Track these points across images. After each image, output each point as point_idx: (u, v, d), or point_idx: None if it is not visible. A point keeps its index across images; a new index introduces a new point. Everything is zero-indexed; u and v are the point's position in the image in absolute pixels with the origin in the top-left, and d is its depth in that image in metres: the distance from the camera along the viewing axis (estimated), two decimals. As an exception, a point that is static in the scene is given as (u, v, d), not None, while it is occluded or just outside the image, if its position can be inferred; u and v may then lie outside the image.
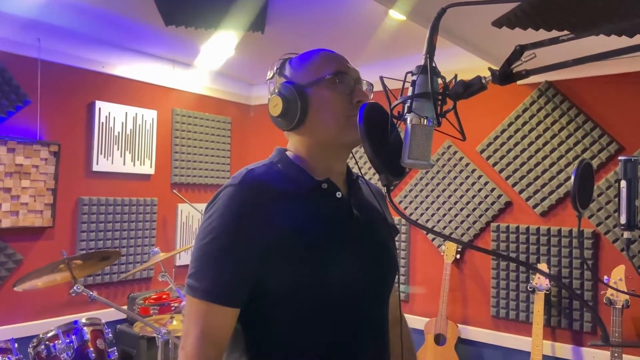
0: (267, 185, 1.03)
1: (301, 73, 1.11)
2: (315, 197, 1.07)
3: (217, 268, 0.98)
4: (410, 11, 2.14)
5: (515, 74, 0.82)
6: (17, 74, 2.84)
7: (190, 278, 1.01)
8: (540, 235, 2.86)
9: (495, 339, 3.00)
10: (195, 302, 0.98)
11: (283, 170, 1.09)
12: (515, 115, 2.99)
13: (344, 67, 1.11)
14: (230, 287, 0.98)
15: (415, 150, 0.89)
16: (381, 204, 1.23)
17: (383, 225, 1.19)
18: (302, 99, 1.07)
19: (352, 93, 1.09)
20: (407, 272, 3.39)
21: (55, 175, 2.97)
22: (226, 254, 0.98)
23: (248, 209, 0.99)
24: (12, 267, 2.80)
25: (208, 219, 1.02)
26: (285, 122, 1.09)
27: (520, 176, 2.96)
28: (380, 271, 1.12)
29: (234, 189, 1.01)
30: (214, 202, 1.03)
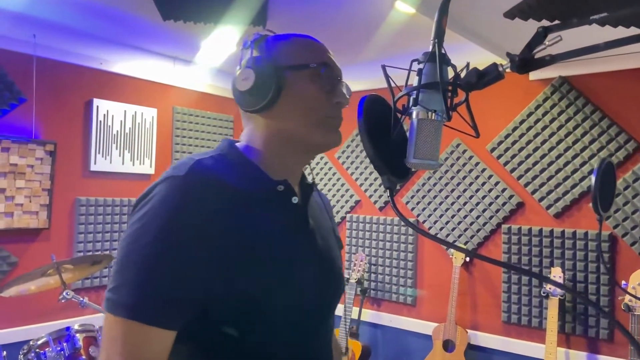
0: (218, 180, 0.87)
1: (283, 52, 0.96)
2: (270, 200, 0.93)
3: (149, 280, 0.79)
4: (419, 3, 2.03)
5: (538, 60, 0.71)
6: (11, 71, 2.75)
7: (112, 292, 0.80)
8: (554, 238, 2.74)
9: (507, 345, 2.88)
10: (120, 323, 0.78)
11: (234, 164, 0.94)
12: (527, 112, 2.86)
13: (331, 61, 0.99)
14: (165, 304, 0.80)
15: (421, 148, 0.78)
16: (329, 215, 1.15)
17: (332, 237, 1.10)
18: (279, 79, 0.92)
19: (333, 92, 0.96)
20: (414, 276, 3.27)
21: (51, 175, 2.89)
22: (162, 263, 0.80)
23: (193, 208, 0.82)
24: (7, 270, 2.72)
25: (140, 219, 0.82)
26: (253, 100, 0.93)
27: (533, 176, 2.84)
28: (332, 286, 1.04)
29: (177, 182, 0.83)
30: (147, 196, 0.84)
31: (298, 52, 0.97)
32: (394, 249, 3.36)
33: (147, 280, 0.79)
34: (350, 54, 3.11)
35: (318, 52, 0.98)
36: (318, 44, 1.01)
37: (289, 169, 0.99)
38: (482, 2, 1.95)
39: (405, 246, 3.31)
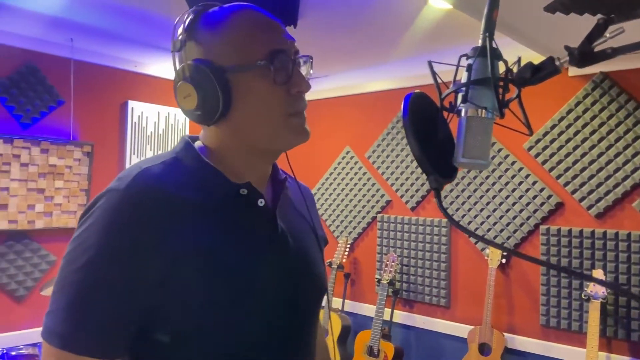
0: (163, 192, 0.79)
1: (222, 46, 0.83)
2: (231, 207, 0.85)
3: (86, 306, 0.73)
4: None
5: (598, 54, 0.68)
6: (50, 74, 2.83)
7: (48, 317, 0.75)
8: (595, 239, 2.64)
9: (546, 349, 2.80)
10: (54, 353, 0.72)
11: (189, 169, 0.85)
12: (567, 109, 2.77)
13: (279, 43, 0.85)
14: (103, 331, 0.74)
15: (471, 147, 0.75)
16: (310, 210, 1.03)
17: (311, 237, 1.00)
18: (224, 88, 0.81)
19: (290, 81, 0.84)
20: (447, 277, 3.22)
21: (88, 175, 2.95)
22: (100, 286, 0.73)
23: (134, 225, 0.75)
24: (46, 269, 2.79)
25: (79, 237, 0.76)
26: (202, 117, 0.84)
27: (573, 175, 2.75)
28: (307, 292, 0.95)
29: (116, 196, 0.76)
30: (88, 213, 0.78)
31: (239, 48, 0.83)
32: (427, 249, 3.31)
33: (81, 306, 0.73)
34: (383, 52, 3.08)
35: (262, 38, 0.84)
36: (257, 21, 0.86)
37: (253, 170, 0.90)
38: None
39: (439, 247, 3.25)
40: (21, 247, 2.70)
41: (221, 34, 0.84)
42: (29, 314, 2.72)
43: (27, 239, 2.74)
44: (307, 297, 0.95)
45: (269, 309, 0.85)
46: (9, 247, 2.66)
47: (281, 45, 0.85)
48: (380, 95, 3.53)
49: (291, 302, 0.90)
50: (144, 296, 0.76)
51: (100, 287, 0.74)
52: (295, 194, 1.02)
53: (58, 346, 0.72)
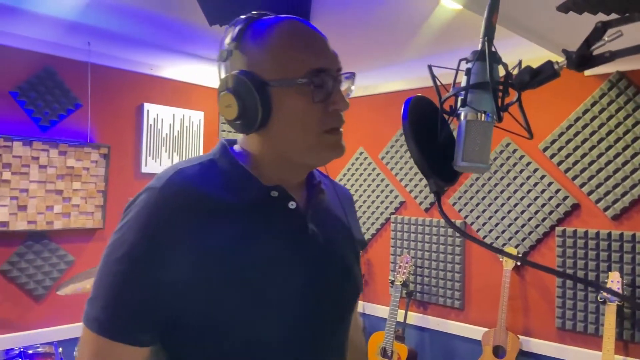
0: (197, 192, 0.82)
1: (265, 60, 0.85)
2: (262, 209, 0.87)
3: (120, 296, 0.78)
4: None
5: (597, 57, 0.67)
6: (68, 78, 2.88)
7: (88, 304, 0.80)
8: (612, 241, 2.60)
9: (561, 352, 2.76)
10: (91, 336, 0.77)
11: (224, 171, 0.88)
12: (583, 109, 2.73)
13: (323, 62, 0.86)
14: (136, 321, 0.78)
15: (470, 151, 0.75)
16: (347, 213, 1.04)
17: (347, 240, 1.00)
18: (264, 101, 0.83)
19: (328, 99, 0.85)
20: (462, 279, 3.19)
21: (105, 177, 3.00)
22: (134, 279, 0.78)
23: (168, 223, 0.79)
24: (64, 269, 2.85)
25: (120, 230, 0.81)
26: (241, 126, 0.87)
27: (589, 176, 2.71)
28: (339, 298, 0.95)
29: (153, 195, 0.80)
30: (129, 208, 0.83)
31: (281, 63, 0.85)
32: (441, 251, 3.29)
33: (116, 296, 0.78)
34: (394, 53, 3.07)
35: (305, 55, 0.85)
36: (302, 38, 0.87)
37: (287, 178, 0.92)
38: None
39: (453, 248, 3.23)
40: (40, 247, 2.76)
41: (265, 48, 0.86)
42: (47, 313, 2.78)
43: (46, 239, 2.79)
44: (339, 299, 0.95)
45: (294, 310, 0.86)
46: (28, 247, 2.72)
47: (323, 63, 0.86)
48: (393, 96, 3.52)
49: (320, 304, 0.90)
50: (175, 290, 0.78)
51: (134, 279, 0.78)
52: (332, 197, 1.03)
53: (95, 331, 0.77)
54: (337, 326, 0.96)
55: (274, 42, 0.86)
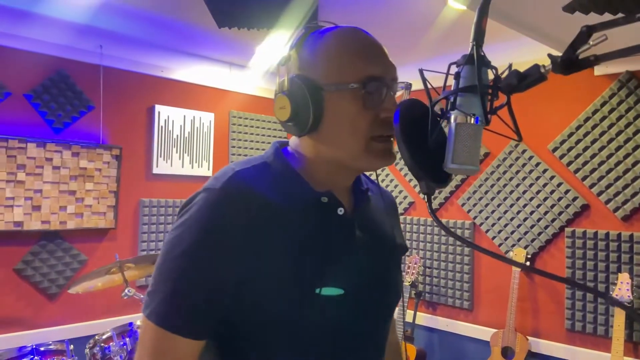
0: (255, 194, 0.85)
1: (319, 65, 0.88)
2: (311, 213, 0.89)
3: (180, 290, 0.81)
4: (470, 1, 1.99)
5: (582, 61, 0.68)
6: (80, 81, 2.94)
7: (149, 296, 0.84)
8: (622, 242, 2.58)
9: (570, 354, 2.74)
10: (152, 328, 0.81)
11: (277, 174, 0.90)
12: (592, 109, 2.71)
13: (377, 70, 0.87)
14: (193, 315, 0.81)
15: (460, 153, 0.76)
16: (391, 219, 1.07)
17: (390, 247, 1.03)
18: (316, 104, 0.85)
19: (380, 106, 0.86)
20: (470, 279, 3.19)
21: (117, 178, 3.05)
22: (192, 275, 0.81)
23: (228, 222, 0.82)
24: (77, 267, 2.90)
25: (178, 228, 0.84)
26: (293, 128, 0.90)
27: (599, 177, 2.69)
28: (381, 299, 0.98)
29: (212, 195, 0.83)
30: (188, 206, 0.86)
31: (337, 68, 0.87)
32: (450, 251, 3.29)
33: (176, 291, 0.81)
34: (401, 54, 3.07)
35: (359, 62, 0.87)
36: (359, 47, 0.90)
37: (336, 181, 0.94)
38: None
39: (462, 249, 3.23)
40: (53, 247, 2.82)
41: (322, 53, 0.89)
42: (61, 312, 2.83)
43: (59, 239, 2.85)
44: (380, 302, 0.98)
45: (340, 311, 0.88)
46: (42, 246, 2.78)
47: (378, 70, 0.87)
48: (403, 97, 3.52)
49: (364, 306, 0.93)
50: (229, 286, 0.82)
51: (193, 275, 0.81)
52: (377, 203, 1.05)
53: (156, 323, 0.80)
54: (380, 327, 0.99)
55: (330, 48, 0.89)
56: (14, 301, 2.70)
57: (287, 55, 0.92)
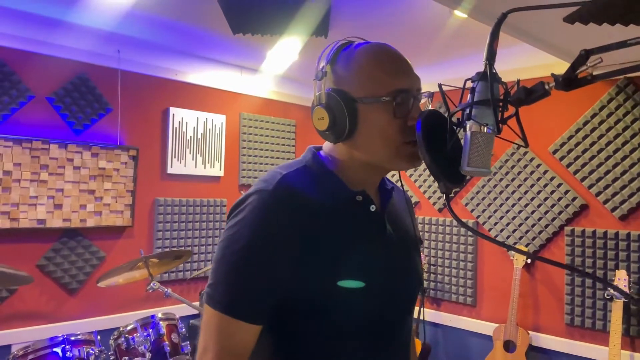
0: (301, 194, 0.96)
1: (354, 80, 0.98)
2: (349, 210, 1.00)
3: (241, 281, 0.92)
4: (472, 9, 2.09)
5: (581, 79, 0.80)
6: (99, 84, 3.05)
7: (211, 288, 0.94)
8: (619, 241, 2.70)
9: (570, 347, 2.86)
10: (216, 315, 0.92)
11: (317, 176, 1.01)
12: (591, 113, 2.84)
13: (405, 83, 0.98)
14: (253, 302, 0.92)
15: (474, 158, 0.88)
16: (411, 214, 1.19)
17: (413, 238, 1.14)
18: (351, 115, 0.96)
19: (409, 114, 0.97)
20: (474, 276, 3.31)
21: (134, 177, 3.17)
22: (252, 266, 0.91)
23: (280, 220, 0.92)
24: (96, 264, 3.02)
25: (235, 225, 0.94)
26: (331, 136, 1.00)
27: (597, 178, 2.81)
28: (409, 288, 1.10)
29: (266, 195, 0.93)
30: (241, 205, 0.95)
31: (369, 80, 0.97)
32: (454, 249, 3.41)
33: (238, 281, 0.92)
34: (410, 60, 3.19)
35: (390, 76, 0.97)
36: (390, 62, 1.00)
37: (367, 181, 1.05)
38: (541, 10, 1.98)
39: (465, 247, 3.35)
40: (74, 244, 2.93)
41: (355, 69, 0.99)
42: (81, 306, 2.95)
43: (80, 236, 2.97)
44: (409, 289, 1.10)
45: (379, 298, 1.00)
46: (63, 243, 2.89)
47: (406, 84, 0.98)
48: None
49: (396, 293, 1.05)
50: (283, 276, 0.92)
51: (252, 267, 0.92)
52: (399, 200, 1.17)
53: (221, 310, 0.91)
54: (409, 312, 1.11)
55: (362, 64, 0.99)
56: (37, 296, 2.82)
57: (322, 71, 1.01)
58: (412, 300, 1.13)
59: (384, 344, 1.03)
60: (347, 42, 1.05)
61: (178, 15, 2.77)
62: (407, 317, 1.11)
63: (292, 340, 0.97)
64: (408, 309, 1.12)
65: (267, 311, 0.94)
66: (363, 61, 0.99)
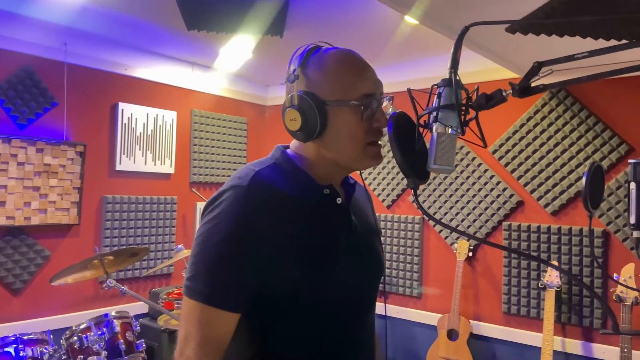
0: (274, 189, 1.02)
1: (324, 84, 1.05)
2: (318, 203, 1.08)
3: (221, 272, 0.97)
4: (421, 15, 2.22)
5: (534, 88, 0.91)
6: (45, 77, 2.95)
7: (191, 281, 0.98)
8: (551, 234, 2.93)
9: (507, 334, 3.08)
10: (197, 306, 0.96)
11: (287, 172, 1.08)
12: (527, 116, 3.06)
13: (371, 88, 1.06)
14: (233, 292, 0.97)
15: (440, 156, 0.97)
16: (372, 207, 1.28)
17: (374, 229, 1.23)
18: (322, 116, 1.03)
19: (373, 117, 1.05)
20: (420, 270, 3.47)
21: (81, 174, 3.09)
22: (232, 258, 0.97)
23: (256, 213, 0.98)
24: (41, 263, 2.92)
25: (212, 220, 0.99)
26: (302, 135, 1.06)
27: (532, 176, 3.03)
28: (373, 275, 1.19)
29: (242, 191, 0.99)
30: (217, 201, 1.00)
31: (339, 84, 1.05)
32: (401, 244, 3.56)
33: (218, 272, 0.97)
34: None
35: (359, 80, 1.06)
36: (358, 68, 1.08)
37: (333, 177, 1.13)
38: (488, 19, 2.13)
39: (412, 242, 3.50)
40: (18, 242, 2.82)
41: (325, 73, 1.06)
42: (27, 306, 2.85)
43: (24, 235, 2.86)
44: (373, 275, 1.19)
45: (347, 283, 1.08)
46: (7, 242, 2.78)
47: (372, 89, 1.06)
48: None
49: (364, 277, 1.13)
50: (260, 267, 0.98)
51: (231, 258, 0.97)
52: (361, 194, 1.24)
53: (202, 301, 0.96)
54: (374, 296, 1.19)
55: (332, 69, 1.06)
56: (-22, 297, 2.69)
57: (294, 75, 1.07)
58: (377, 285, 1.22)
59: (354, 326, 1.12)
60: (316, 46, 1.12)
61: (131, 10, 2.72)
62: (373, 300, 1.20)
63: (268, 325, 1.03)
64: (374, 292, 1.21)
65: (246, 300, 0.99)
66: (333, 67, 1.06)
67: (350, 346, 1.11)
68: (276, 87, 4.28)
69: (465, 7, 2.03)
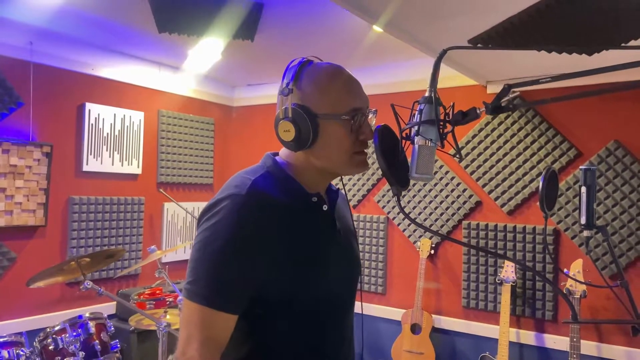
0: (269, 197, 1.10)
1: (317, 98, 1.13)
2: (306, 210, 1.16)
3: (222, 276, 1.03)
4: (386, 25, 2.33)
5: (504, 107, 1.03)
6: (10, 77, 2.90)
7: (191, 284, 1.04)
8: (507, 232, 3.13)
9: (466, 327, 3.26)
10: (198, 308, 1.02)
11: (279, 180, 1.15)
12: (485, 121, 3.24)
13: (359, 103, 1.15)
14: (232, 295, 1.04)
15: (421, 166, 1.08)
16: (349, 211, 1.38)
17: (353, 231, 1.33)
18: (314, 128, 1.10)
19: (360, 129, 1.14)
20: (384, 267, 3.61)
21: (47, 175, 3.05)
22: (232, 262, 1.03)
23: (254, 220, 1.05)
24: (6, 265, 2.87)
25: (211, 227, 1.05)
26: (294, 145, 1.13)
27: (490, 178, 3.22)
28: (354, 276, 1.28)
29: (241, 199, 1.05)
30: (214, 209, 1.06)
31: (331, 99, 1.13)
32: (366, 243, 3.69)
33: (218, 276, 1.04)
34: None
35: (349, 95, 1.14)
36: (349, 84, 1.15)
37: (320, 184, 1.22)
38: (450, 31, 2.28)
39: (377, 240, 3.64)
40: (-18, 245, 2.77)
41: (318, 88, 1.13)
42: (-8, 309, 2.80)
43: (-12, 237, 2.81)
44: (353, 276, 1.28)
45: (333, 284, 1.17)
46: (-30, 244, 2.73)
47: (360, 103, 1.14)
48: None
49: (347, 278, 1.23)
50: (258, 271, 1.05)
51: (231, 263, 1.03)
52: (342, 201, 1.33)
53: (203, 303, 1.02)
54: (354, 296, 1.29)
55: (324, 85, 1.14)
56: (-60, 301, 2.63)
57: (289, 88, 1.14)
58: (356, 284, 1.32)
59: (338, 323, 1.22)
60: (307, 61, 1.20)
61: (94, 8, 2.70)
62: (354, 298, 1.31)
63: (261, 324, 1.11)
64: (355, 290, 1.31)
65: (244, 303, 1.07)
66: (325, 82, 1.14)
67: (335, 341, 1.21)
68: (243, 88, 4.33)
69: (429, 18, 2.16)
